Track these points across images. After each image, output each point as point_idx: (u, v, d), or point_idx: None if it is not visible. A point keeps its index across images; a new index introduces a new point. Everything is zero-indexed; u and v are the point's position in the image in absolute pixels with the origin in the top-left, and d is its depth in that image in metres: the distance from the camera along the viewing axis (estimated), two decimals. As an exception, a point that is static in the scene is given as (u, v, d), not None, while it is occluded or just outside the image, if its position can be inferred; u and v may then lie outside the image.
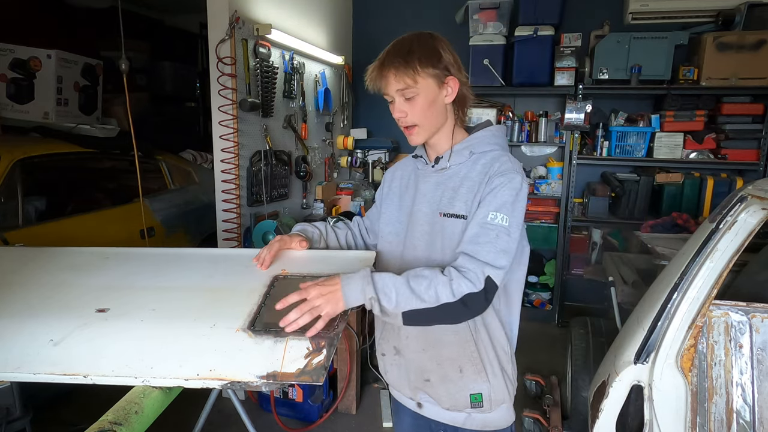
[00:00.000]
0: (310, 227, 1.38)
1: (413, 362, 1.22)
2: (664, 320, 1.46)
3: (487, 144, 1.17)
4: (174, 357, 0.91)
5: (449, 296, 0.99)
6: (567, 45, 3.51)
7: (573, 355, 2.31)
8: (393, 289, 1.00)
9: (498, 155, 1.14)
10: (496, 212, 1.05)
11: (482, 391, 1.17)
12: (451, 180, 1.16)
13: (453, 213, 1.12)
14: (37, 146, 2.72)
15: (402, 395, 1.32)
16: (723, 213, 1.49)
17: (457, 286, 0.99)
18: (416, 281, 1.00)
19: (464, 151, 1.16)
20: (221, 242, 2.70)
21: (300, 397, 2.56)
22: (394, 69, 1.08)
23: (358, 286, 1.00)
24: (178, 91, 4.96)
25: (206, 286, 1.21)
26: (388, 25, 4.18)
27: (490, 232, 1.04)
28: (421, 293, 0.99)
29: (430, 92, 1.09)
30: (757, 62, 3.19)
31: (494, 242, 1.03)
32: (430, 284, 0.99)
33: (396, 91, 1.10)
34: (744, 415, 1.39)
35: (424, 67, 1.07)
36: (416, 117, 1.11)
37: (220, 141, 2.59)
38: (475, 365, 1.16)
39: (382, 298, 1.00)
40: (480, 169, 1.13)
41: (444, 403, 1.20)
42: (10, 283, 1.25)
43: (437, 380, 1.19)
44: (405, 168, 1.32)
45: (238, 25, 2.49)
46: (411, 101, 1.10)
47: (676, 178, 3.48)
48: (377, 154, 4.05)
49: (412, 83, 1.07)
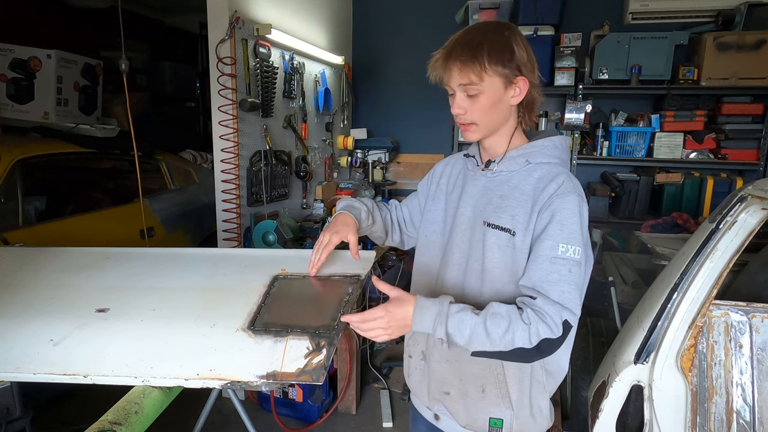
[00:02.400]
0: (357, 203, 1.25)
1: (436, 372, 1.17)
2: (664, 320, 1.46)
3: (546, 155, 1.06)
4: (174, 357, 0.91)
5: (526, 342, 0.92)
6: (567, 45, 3.50)
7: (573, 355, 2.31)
8: (467, 326, 0.93)
9: (557, 171, 1.03)
10: (566, 244, 0.96)
11: (503, 418, 1.10)
12: (500, 187, 1.08)
13: (498, 225, 1.04)
14: (37, 146, 2.72)
15: (420, 403, 1.28)
16: (723, 213, 1.48)
17: (535, 331, 0.92)
18: (493, 322, 0.93)
19: (520, 159, 1.07)
20: (221, 242, 2.70)
21: (300, 397, 2.56)
22: (460, 63, 0.98)
23: (431, 317, 0.94)
24: (178, 91, 4.96)
25: (206, 286, 1.21)
26: (388, 26, 4.18)
27: (563, 267, 0.95)
28: (497, 339, 0.92)
29: (495, 92, 1.00)
30: (757, 62, 3.18)
31: (568, 279, 0.95)
32: (508, 329, 0.92)
33: (458, 86, 1.01)
34: (744, 415, 1.39)
35: (493, 65, 0.97)
36: (476, 115, 1.03)
37: (220, 141, 2.59)
38: (499, 389, 1.09)
39: (455, 334, 0.94)
40: (534, 182, 1.03)
41: (461, 420, 1.15)
42: (10, 283, 1.25)
43: (457, 395, 1.14)
44: (455, 165, 1.23)
45: (238, 25, 2.49)
46: (473, 98, 1.01)
47: (676, 178, 3.48)
48: (377, 154, 4.05)
49: (477, 80, 0.98)
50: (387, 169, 4.09)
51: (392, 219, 1.34)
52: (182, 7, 4.87)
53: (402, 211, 1.34)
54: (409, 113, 4.15)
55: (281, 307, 1.07)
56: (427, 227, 1.22)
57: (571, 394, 2.27)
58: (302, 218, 3.29)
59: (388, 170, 4.13)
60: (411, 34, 4.09)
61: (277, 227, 2.61)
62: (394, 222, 1.34)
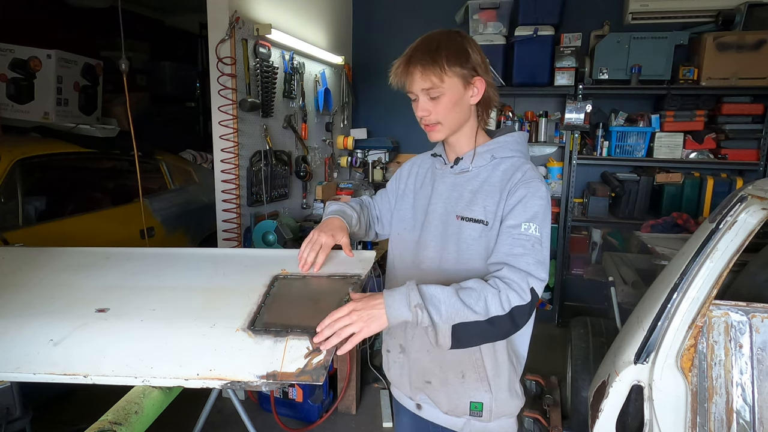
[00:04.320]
0: (348, 208, 1.28)
1: (417, 362, 1.21)
2: (664, 320, 1.46)
3: (509, 150, 1.14)
4: (174, 357, 0.91)
5: (499, 309, 0.94)
6: (567, 45, 3.51)
7: (573, 355, 2.31)
8: (441, 300, 0.94)
9: (520, 162, 1.12)
10: (528, 223, 1.02)
11: (483, 401, 1.15)
12: (469, 183, 1.14)
13: (471, 217, 1.10)
14: (37, 146, 2.72)
15: (402, 395, 1.32)
16: (723, 213, 1.48)
17: (506, 298, 0.95)
18: (465, 292, 0.95)
19: (485, 155, 1.14)
20: (221, 242, 2.70)
21: (300, 397, 2.56)
22: (420, 67, 1.04)
23: (402, 297, 0.94)
24: (178, 91, 4.97)
25: (206, 286, 1.21)
26: (388, 25, 4.18)
27: (526, 242, 1.01)
28: (472, 305, 0.93)
29: (455, 92, 1.07)
30: (757, 62, 3.19)
31: (531, 253, 1.00)
32: (480, 295, 0.94)
33: (421, 90, 1.07)
34: (744, 415, 1.39)
35: (452, 66, 1.04)
36: (440, 116, 1.09)
37: (220, 141, 2.59)
38: (478, 373, 1.14)
39: (431, 309, 0.93)
40: (500, 175, 1.11)
41: (443, 407, 1.19)
42: (10, 283, 1.25)
43: (438, 383, 1.18)
44: (422, 165, 1.30)
45: (238, 25, 2.49)
46: (435, 100, 1.07)
47: (676, 178, 3.48)
48: (377, 154, 4.05)
49: (439, 82, 1.05)
50: (387, 169, 4.09)
51: (372, 216, 1.39)
52: (182, 7, 4.87)
53: (375, 209, 1.39)
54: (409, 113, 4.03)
55: (281, 307, 1.07)
56: (398, 224, 1.28)
57: (571, 394, 2.27)
58: (302, 218, 3.29)
59: (388, 170, 4.13)
60: (411, 34, 4.01)
61: (277, 227, 2.61)
62: (373, 218, 1.39)
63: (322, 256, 1.17)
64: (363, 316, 0.92)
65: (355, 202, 1.37)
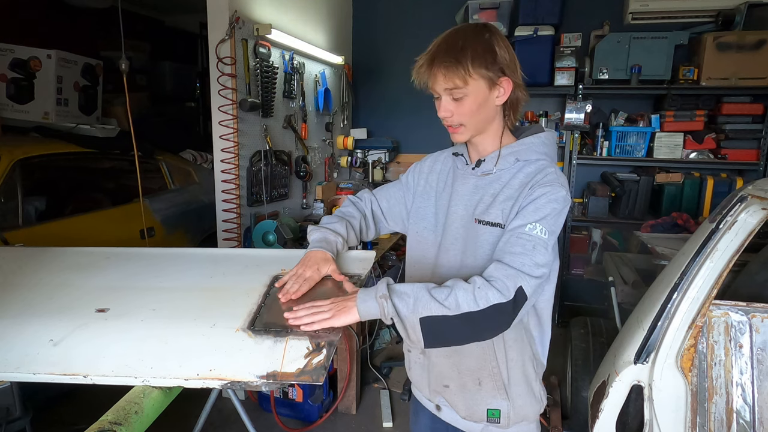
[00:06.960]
0: (331, 234, 1.22)
1: (436, 366, 1.20)
2: (664, 320, 1.46)
3: (535, 152, 1.09)
4: (174, 357, 0.91)
5: (472, 304, 0.91)
6: (567, 45, 3.51)
7: (573, 355, 2.31)
8: (410, 294, 0.94)
9: (544, 166, 1.06)
10: (536, 223, 0.98)
11: (501, 408, 1.14)
12: (491, 186, 1.09)
13: (488, 221, 1.06)
14: (37, 146, 2.72)
15: (422, 396, 1.31)
16: (723, 213, 1.49)
17: (482, 294, 0.92)
18: (437, 288, 0.95)
19: (509, 157, 1.09)
20: (221, 242, 2.70)
21: (300, 397, 2.56)
22: (444, 67, 0.99)
23: (371, 290, 0.96)
24: (178, 91, 4.96)
25: (206, 286, 1.21)
26: (388, 25, 4.18)
27: (527, 242, 0.97)
28: (441, 299, 0.92)
29: (480, 94, 1.02)
30: (757, 62, 3.18)
31: (530, 254, 0.96)
32: (451, 291, 0.93)
33: (444, 90, 1.03)
34: (744, 415, 1.39)
35: (477, 68, 0.98)
36: (463, 117, 1.04)
37: (220, 141, 2.59)
38: (494, 381, 1.12)
39: (397, 301, 0.93)
40: (522, 178, 1.06)
41: (461, 412, 1.18)
42: (10, 283, 1.25)
43: (456, 388, 1.17)
44: (444, 162, 1.24)
45: (238, 25, 2.49)
46: (459, 101, 1.02)
47: (676, 178, 3.48)
48: (377, 154, 4.05)
49: (462, 84, 1.00)
50: (387, 169, 4.10)
51: (368, 219, 1.33)
52: (182, 7, 4.87)
53: (380, 204, 1.33)
54: (409, 113, 4.15)
55: (281, 307, 1.07)
56: (417, 223, 1.22)
57: (571, 394, 2.27)
58: (302, 218, 3.29)
59: (388, 170, 4.13)
60: (411, 34, 4.09)
61: (277, 227, 2.61)
62: (368, 218, 1.33)
63: (306, 287, 1.12)
64: (338, 306, 0.97)
65: (346, 207, 1.32)
